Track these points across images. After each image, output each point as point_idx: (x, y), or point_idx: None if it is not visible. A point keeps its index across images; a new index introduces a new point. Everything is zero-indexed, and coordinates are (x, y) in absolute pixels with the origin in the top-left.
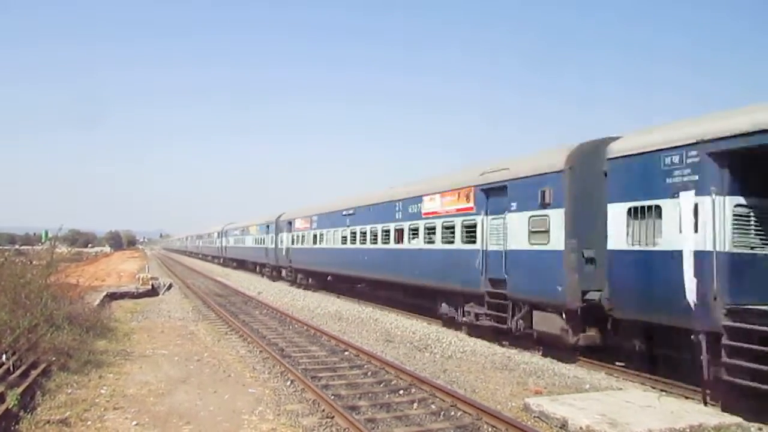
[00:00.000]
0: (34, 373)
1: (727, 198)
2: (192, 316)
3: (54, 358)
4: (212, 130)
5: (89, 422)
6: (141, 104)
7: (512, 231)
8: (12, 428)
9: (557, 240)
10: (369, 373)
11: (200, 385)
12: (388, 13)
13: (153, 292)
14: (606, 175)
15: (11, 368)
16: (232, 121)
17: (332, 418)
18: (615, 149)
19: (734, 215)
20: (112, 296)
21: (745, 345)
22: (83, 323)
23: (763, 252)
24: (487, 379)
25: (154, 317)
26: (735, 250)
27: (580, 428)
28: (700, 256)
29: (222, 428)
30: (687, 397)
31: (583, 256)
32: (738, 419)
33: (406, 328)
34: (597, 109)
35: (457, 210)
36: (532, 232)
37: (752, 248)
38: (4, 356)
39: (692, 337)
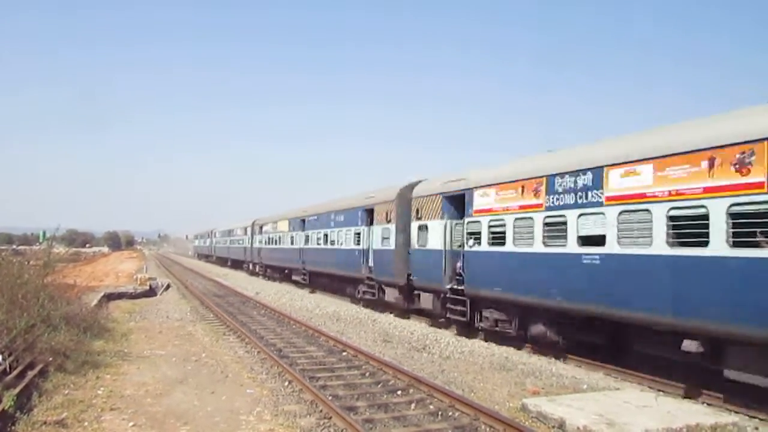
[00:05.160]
0: (30, 374)
1: None
2: (190, 316)
3: (51, 359)
4: (212, 132)
5: (86, 423)
6: (140, 106)
7: None
8: (8, 429)
9: None
10: (367, 374)
11: (198, 386)
12: (398, 14)
13: (151, 292)
14: None
15: (8, 369)
16: (232, 122)
17: (330, 418)
18: None
19: None
20: (110, 297)
21: None
22: (80, 324)
23: None
24: (485, 380)
25: (152, 318)
26: None
27: (578, 428)
28: None
29: (219, 429)
30: (684, 397)
31: None
32: (735, 418)
33: (404, 329)
34: (601, 107)
35: None
36: None
37: None
38: (0, 357)
39: None
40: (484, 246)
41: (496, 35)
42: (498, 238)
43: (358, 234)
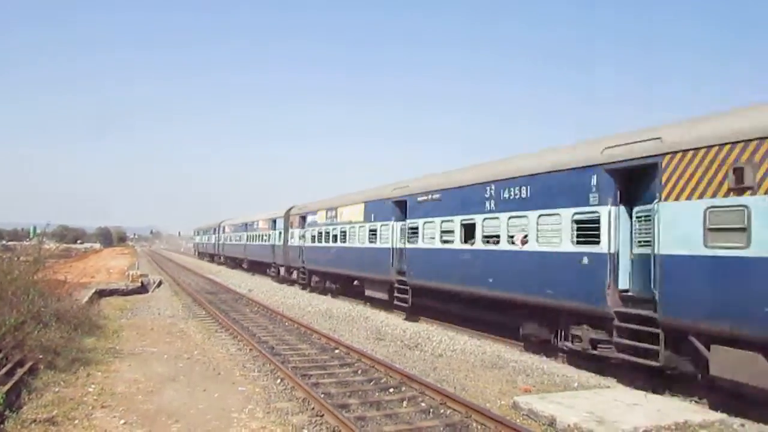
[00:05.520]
0: (20, 372)
1: None
2: (182, 313)
3: (41, 356)
4: (208, 131)
5: (76, 421)
6: (138, 105)
7: None
8: None
9: None
10: (359, 372)
11: (189, 384)
12: (395, 13)
13: (143, 289)
14: None
15: None
16: (224, 121)
17: (322, 416)
18: None
19: None
20: (101, 293)
21: None
22: (71, 320)
23: None
24: (477, 378)
25: (144, 315)
26: None
27: (568, 426)
28: None
29: (211, 426)
30: (674, 395)
31: None
32: (722, 416)
33: (396, 326)
34: (602, 105)
35: None
36: None
37: None
38: None
39: None
40: None
41: (496, 35)
42: None
43: (579, 222)
